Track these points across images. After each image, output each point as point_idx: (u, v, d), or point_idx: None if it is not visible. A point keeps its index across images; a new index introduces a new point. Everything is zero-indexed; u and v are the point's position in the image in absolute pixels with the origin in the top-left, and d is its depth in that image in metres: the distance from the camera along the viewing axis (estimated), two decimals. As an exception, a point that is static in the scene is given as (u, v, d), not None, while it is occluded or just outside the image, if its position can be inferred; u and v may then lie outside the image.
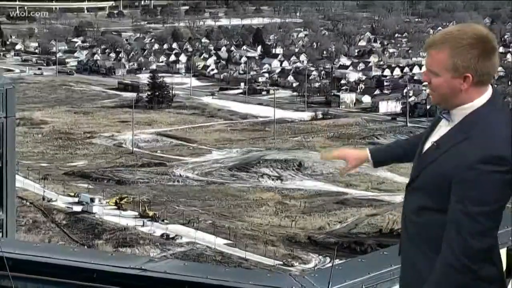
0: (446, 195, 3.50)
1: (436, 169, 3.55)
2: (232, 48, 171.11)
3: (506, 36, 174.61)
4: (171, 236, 69.96)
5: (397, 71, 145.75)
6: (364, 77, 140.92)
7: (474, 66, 3.48)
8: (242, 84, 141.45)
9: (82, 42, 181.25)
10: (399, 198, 72.78)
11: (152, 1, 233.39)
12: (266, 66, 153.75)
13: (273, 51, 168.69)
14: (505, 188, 3.43)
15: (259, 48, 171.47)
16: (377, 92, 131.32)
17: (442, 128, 3.65)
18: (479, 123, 3.50)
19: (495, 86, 3.77)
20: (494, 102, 3.55)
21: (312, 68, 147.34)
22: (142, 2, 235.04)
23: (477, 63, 3.48)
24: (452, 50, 3.48)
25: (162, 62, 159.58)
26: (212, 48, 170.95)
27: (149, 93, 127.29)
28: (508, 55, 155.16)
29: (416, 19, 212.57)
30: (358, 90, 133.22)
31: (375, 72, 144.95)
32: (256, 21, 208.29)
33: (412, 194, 3.71)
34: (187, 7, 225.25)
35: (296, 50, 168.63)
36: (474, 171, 3.39)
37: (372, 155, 4.23)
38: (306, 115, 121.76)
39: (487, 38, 3.49)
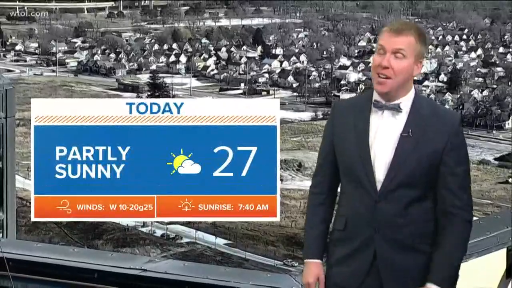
0: (430, 176, 3.71)
1: (421, 151, 3.69)
2: (232, 48, 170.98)
3: (506, 37, 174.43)
4: (171, 236, 69.87)
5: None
6: (364, 78, 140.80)
7: (424, 55, 3.79)
8: (242, 85, 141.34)
9: (82, 42, 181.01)
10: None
11: (152, 2, 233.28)
12: (266, 66, 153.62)
13: (273, 52, 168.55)
14: None
15: (259, 48, 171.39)
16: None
17: (388, 120, 3.80)
18: (429, 102, 3.84)
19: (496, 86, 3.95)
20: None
21: (312, 69, 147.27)
22: (142, 3, 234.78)
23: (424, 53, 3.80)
24: (418, 36, 3.76)
25: (162, 62, 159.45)
26: (212, 48, 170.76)
27: (149, 93, 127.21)
28: (508, 55, 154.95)
29: (416, 20, 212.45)
30: (358, 91, 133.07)
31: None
32: (256, 21, 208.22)
33: (391, 197, 3.74)
34: (187, 8, 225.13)
35: (296, 50, 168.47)
36: (459, 135, 3.74)
37: (321, 258, 4.01)
38: (306, 115, 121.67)
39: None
